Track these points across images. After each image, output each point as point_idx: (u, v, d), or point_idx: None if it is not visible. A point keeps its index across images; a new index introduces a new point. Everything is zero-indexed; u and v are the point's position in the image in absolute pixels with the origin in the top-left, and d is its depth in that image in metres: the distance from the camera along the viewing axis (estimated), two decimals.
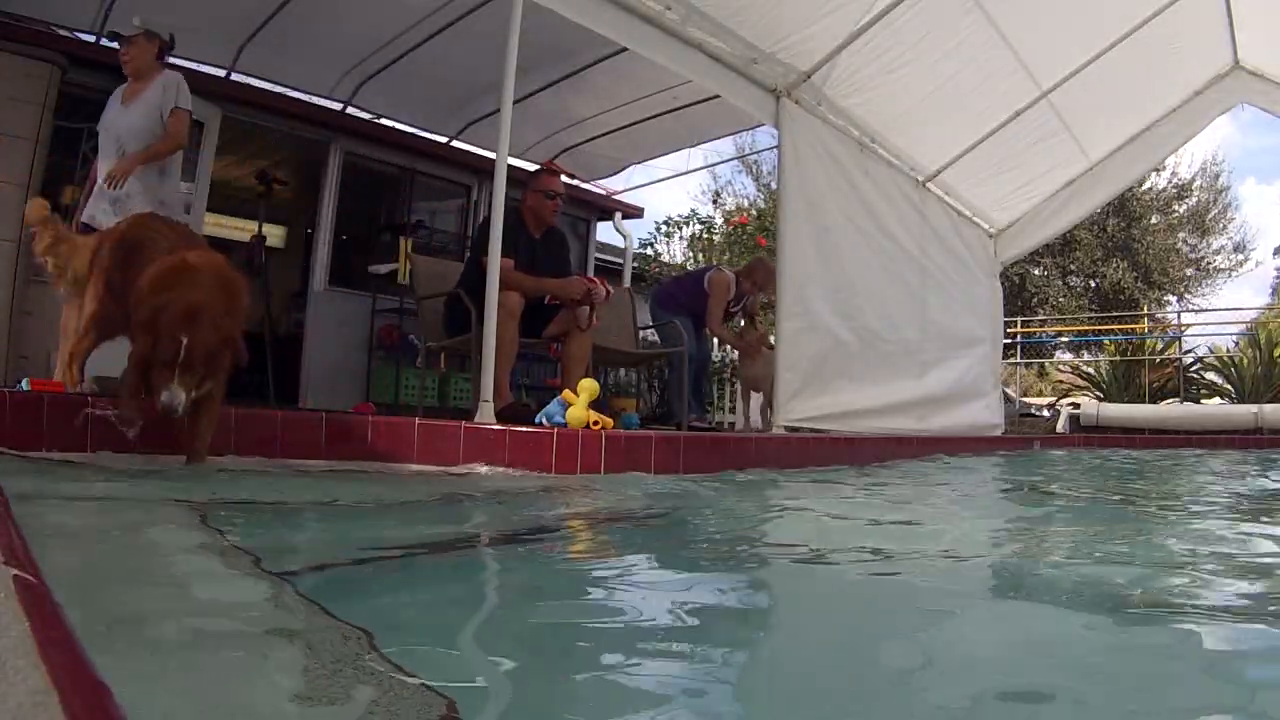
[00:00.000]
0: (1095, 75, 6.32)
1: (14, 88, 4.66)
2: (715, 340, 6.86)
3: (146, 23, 3.84)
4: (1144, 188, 17.67)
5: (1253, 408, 9.45)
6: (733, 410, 7.11)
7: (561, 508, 2.58)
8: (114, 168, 3.63)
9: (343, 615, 1.05)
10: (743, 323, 6.24)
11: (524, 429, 3.35)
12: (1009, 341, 11.68)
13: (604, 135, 7.09)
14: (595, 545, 2.05)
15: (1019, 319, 13.97)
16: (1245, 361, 11.24)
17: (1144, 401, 11.05)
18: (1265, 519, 2.57)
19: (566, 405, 3.46)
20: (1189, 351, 12.52)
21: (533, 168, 5.04)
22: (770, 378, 5.58)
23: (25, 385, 3.34)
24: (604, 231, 8.71)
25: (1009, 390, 11.01)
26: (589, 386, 3.54)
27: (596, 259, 8.66)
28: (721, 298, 5.76)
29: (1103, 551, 1.89)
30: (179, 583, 1.28)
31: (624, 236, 8.69)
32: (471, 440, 3.34)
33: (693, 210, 15.06)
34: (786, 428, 5.27)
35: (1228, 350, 12.37)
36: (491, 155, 4.92)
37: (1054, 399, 14.05)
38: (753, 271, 5.94)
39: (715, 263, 9.17)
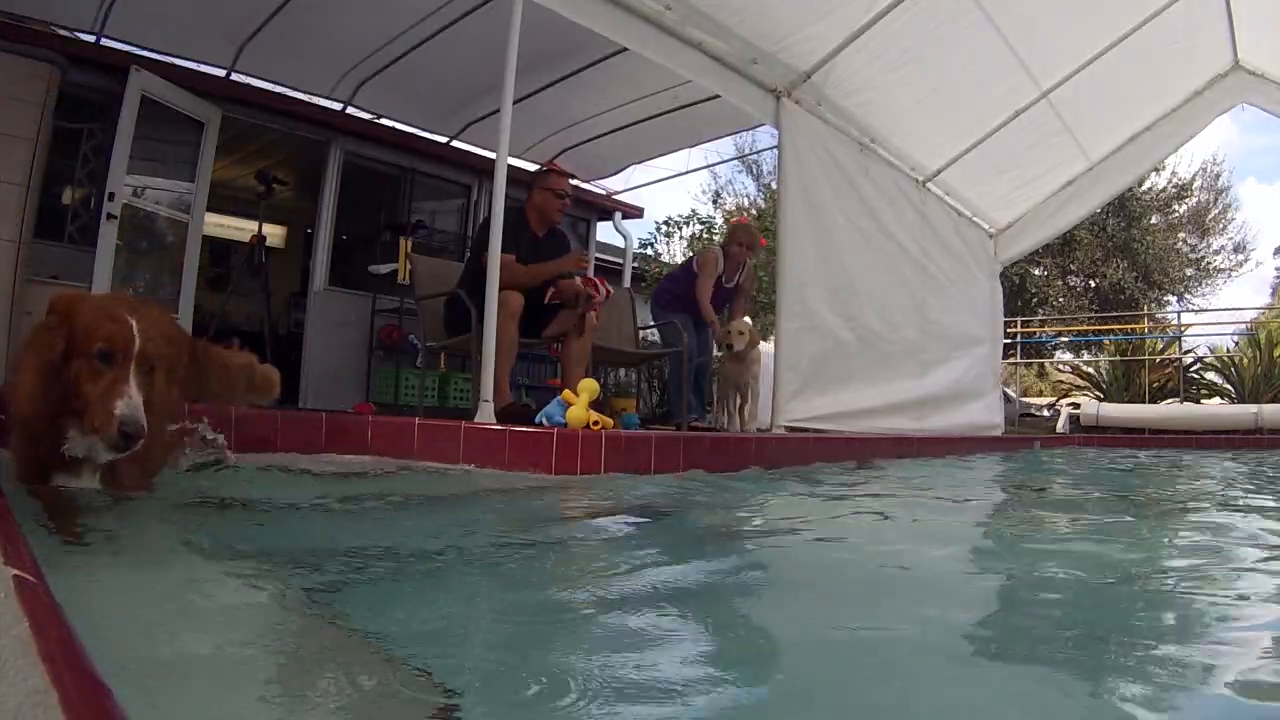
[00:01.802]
0: (1095, 75, 6.32)
1: (14, 88, 4.65)
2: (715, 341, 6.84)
3: None
4: (1144, 188, 17.64)
5: (1253, 408, 9.45)
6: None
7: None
8: None
9: (340, 616, 1.05)
10: (740, 300, 6.11)
11: (524, 429, 3.35)
12: (1009, 341, 11.67)
13: (604, 135, 7.09)
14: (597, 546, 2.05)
15: (1019, 319, 13.95)
16: (1245, 361, 11.24)
17: (1144, 401, 11.05)
18: None
19: (566, 405, 3.46)
20: (1189, 351, 12.52)
21: (533, 168, 5.04)
22: (751, 379, 5.49)
23: None
24: (604, 231, 8.72)
25: (1009, 390, 11.01)
26: (589, 386, 3.54)
27: (596, 259, 8.66)
28: (710, 273, 5.70)
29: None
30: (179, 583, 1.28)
31: (624, 236, 8.70)
32: (471, 440, 3.34)
33: (693, 210, 15.08)
34: (787, 427, 5.27)
35: (1228, 350, 12.37)
36: (491, 155, 4.92)
37: (1054, 399, 14.06)
38: (735, 234, 5.90)
39: None
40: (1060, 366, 17.34)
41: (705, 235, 10.16)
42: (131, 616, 1.02)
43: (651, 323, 6.19)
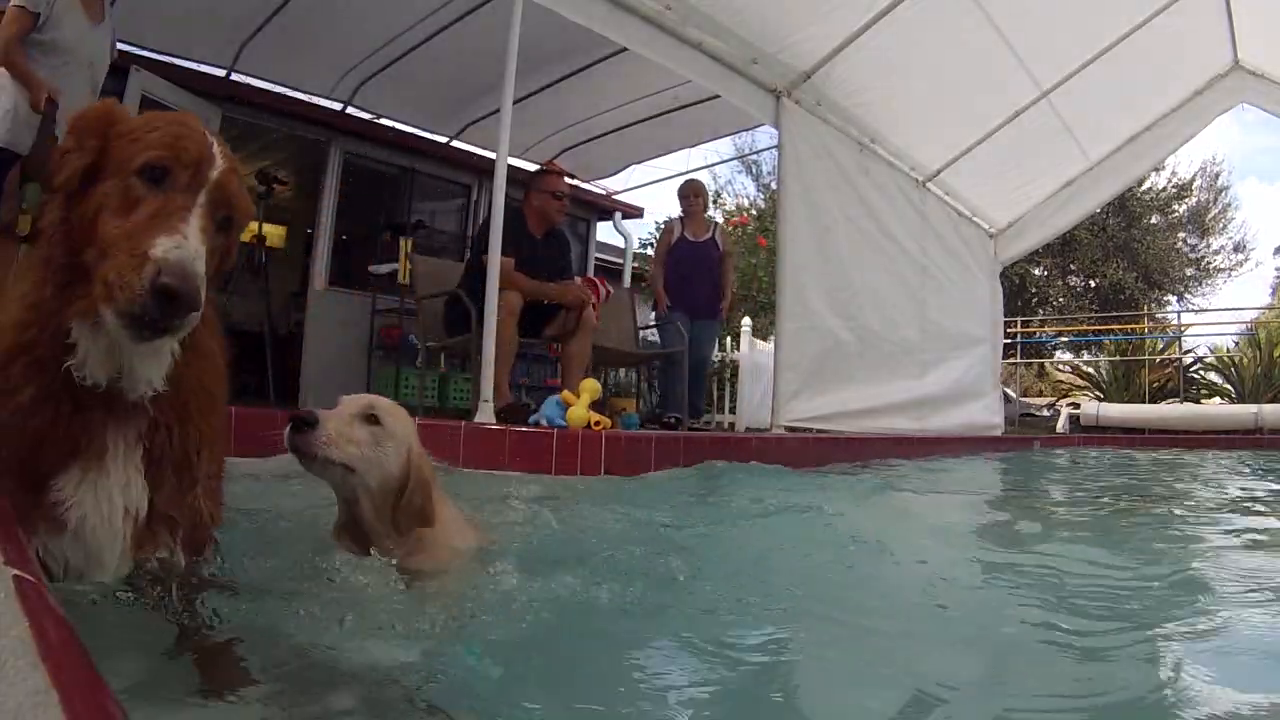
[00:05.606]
0: (1095, 75, 6.32)
1: None
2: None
3: None
4: (1144, 188, 17.63)
5: (1253, 408, 9.45)
6: (733, 410, 7.09)
7: None
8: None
9: None
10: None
11: (524, 429, 3.35)
12: (1009, 341, 11.66)
13: (604, 135, 7.09)
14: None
15: (1019, 319, 13.95)
16: (1245, 361, 11.24)
17: (1144, 401, 11.05)
18: None
19: (563, 405, 3.46)
20: (1189, 351, 12.53)
21: (533, 168, 5.04)
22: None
23: None
24: (604, 231, 8.72)
25: (1009, 390, 11.01)
26: (590, 387, 3.54)
27: (596, 259, 8.66)
28: (662, 244, 5.93)
29: None
30: None
31: (624, 236, 8.70)
32: (471, 440, 3.34)
33: None
34: (786, 428, 5.27)
35: (1228, 350, 12.37)
36: (491, 155, 4.92)
37: (1054, 399, 14.06)
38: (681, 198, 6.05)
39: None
40: (1060, 366, 17.34)
41: None
42: None
43: (651, 323, 6.19)
